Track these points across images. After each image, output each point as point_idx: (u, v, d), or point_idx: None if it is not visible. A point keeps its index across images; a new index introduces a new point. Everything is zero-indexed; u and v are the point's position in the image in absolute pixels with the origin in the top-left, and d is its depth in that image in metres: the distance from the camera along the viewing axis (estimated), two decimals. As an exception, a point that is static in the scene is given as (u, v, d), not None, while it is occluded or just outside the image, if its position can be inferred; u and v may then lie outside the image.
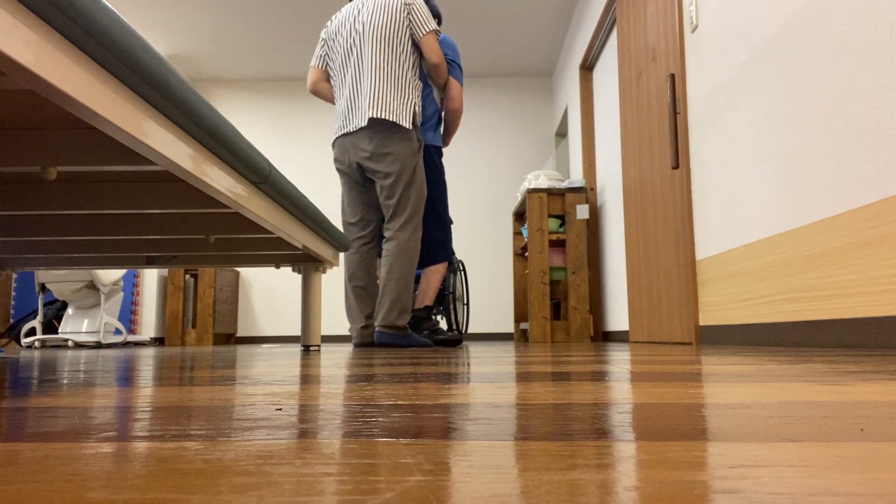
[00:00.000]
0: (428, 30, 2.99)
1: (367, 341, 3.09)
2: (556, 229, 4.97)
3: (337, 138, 3.06)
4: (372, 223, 3.13)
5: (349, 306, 3.13)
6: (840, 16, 1.90)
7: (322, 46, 3.18)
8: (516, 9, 5.69)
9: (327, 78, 3.21)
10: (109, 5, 0.95)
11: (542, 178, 5.05)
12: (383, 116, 2.89)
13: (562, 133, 6.90)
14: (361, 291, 3.09)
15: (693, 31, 3.03)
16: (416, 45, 3.03)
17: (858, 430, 0.41)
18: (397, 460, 0.33)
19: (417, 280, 4.41)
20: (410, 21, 3.00)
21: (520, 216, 5.83)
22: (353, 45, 3.03)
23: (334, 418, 0.50)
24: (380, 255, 3.32)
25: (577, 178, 5.66)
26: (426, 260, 3.31)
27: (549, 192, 4.98)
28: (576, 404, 0.57)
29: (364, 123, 2.92)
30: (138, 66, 1.03)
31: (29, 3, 0.80)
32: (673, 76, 3.19)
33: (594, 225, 5.26)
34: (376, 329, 3.00)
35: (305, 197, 2.19)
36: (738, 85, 2.57)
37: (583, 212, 4.92)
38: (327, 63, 3.17)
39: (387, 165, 2.94)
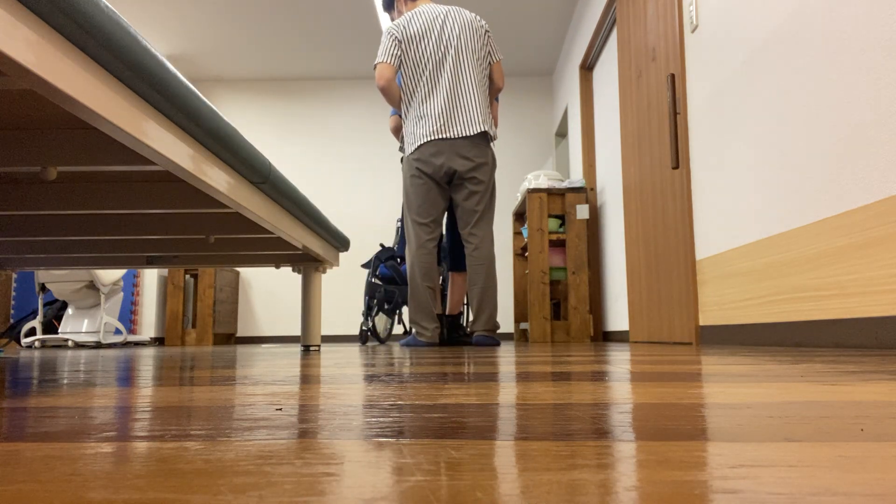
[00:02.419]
0: (501, 56, 3.31)
1: (436, 341, 3.17)
2: (556, 229, 4.97)
3: (432, 140, 3.15)
4: (440, 225, 3.27)
5: (423, 306, 3.17)
6: (840, 16, 1.90)
7: (397, 46, 3.21)
8: (516, 9, 5.69)
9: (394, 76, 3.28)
10: (109, 5, 0.95)
11: (542, 178, 5.05)
12: (487, 130, 3.17)
13: (562, 133, 6.90)
14: (432, 292, 3.19)
15: (693, 31, 3.03)
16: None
17: (858, 430, 0.41)
18: (398, 460, 0.33)
19: (401, 282, 4.51)
20: (490, 45, 3.30)
21: (520, 216, 5.83)
22: (445, 55, 3.20)
23: (334, 418, 0.50)
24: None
25: (577, 178, 5.66)
26: (459, 265, 3.49)
27: (549, 192, 4.98)
28: (576, 404, 0.57)
29: (472, 133, 3.14)
30: (138, 67, 1.03)
31: (29, 3, 0.80)
32: (673, 76, 3.19)
33: (594, 225, 5.26)
34: (479, 332, 3.13)
35: (305, 197, 2.19)
36: (738, 85, 2.57)
37: (583, 212, 4.92)
38: (401, 63, 3.23)
39: (482, 174, 3.20)
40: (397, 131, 3.54)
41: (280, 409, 0.56)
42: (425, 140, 3.15)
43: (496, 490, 0.27)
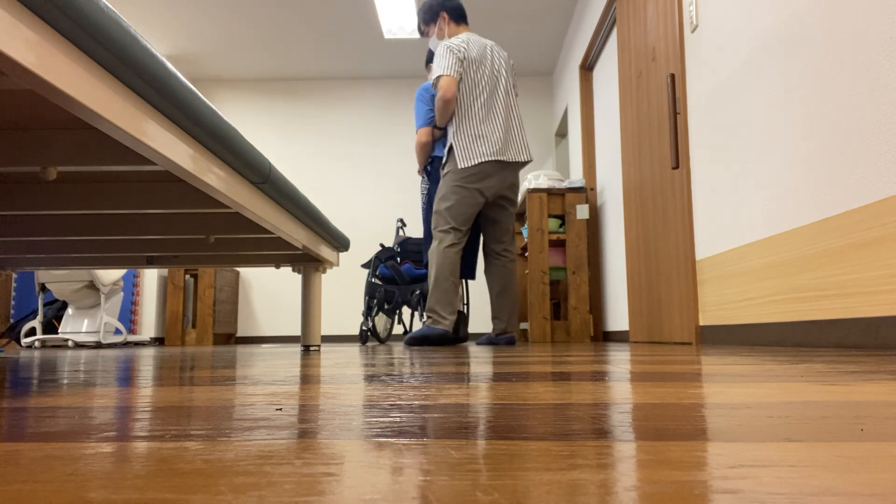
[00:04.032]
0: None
1: (450, 332, 3.36)
2: (556, 229, 4.96)
3: (490, 161, 3.38)
4: (470, 234, 3.50)
5: (448, 297, 3.37)
6: (840, 16, 1.90)
7: (459, 64, 3.40)
8: (516, 9, 5.69)
9: None
10: (109, 5, 0.95)
11: (542, 178, 5.04)
12: (529, 160, 3.53)
13: (562, 133, 6.90)
14: (456, 288, 3.41)
15: (693, 31, 3.03)
16: None
17: (858, 430, 0.41)
18: (398, 460, 0.33)
19: (401, 282, 4.58)
20: (515, 79, 3.65)
21: (520, 216, 5.83)
22: (497, 84, 3.47)
23: (334, 418, 0.50)
24: None
25: (577, 178, 5.66)
26: (470, 274, 3.80)
27: (549, 192, 4.98)
28: (576, 404, 0.57)
29: (523, 159, 3.45)
30: (138, 66, 1.03)
31: (29, 3, 0.80)
32: (673, 76, 3.19)
33: (594, 225, 5.26)
34: (509, 333, 3.47)
35: (305, 197, 2.19)
36: (737, 85, 2.57)
37: (583, 212, 4.92)
38: (460, 80, 3.43)
39: (516, 197, 3.55)
40: (426, 147, 3.67)
41: (280, 409, 0.56)
42: (486, 159, 3.37)
43: (496, 490, 0.27)
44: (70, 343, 4.80)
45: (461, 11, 3.62)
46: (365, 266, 4.66)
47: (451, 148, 3.45)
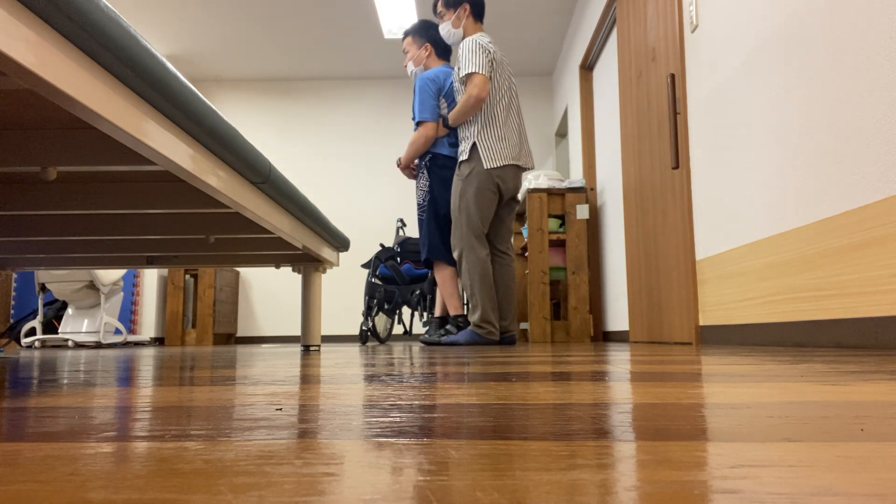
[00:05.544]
0: None
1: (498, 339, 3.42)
2: (556, 229, 4.96)
3: (511, 164, 3.47)
4: None
5: (493, 309, 3.40)
6: (840, 16, 1.90)
7: (491, 65, 3.44)
8: (516, 9, 5.69)
9: None
10: (109, 5, 0.95)
11: (542, 178, 5.04)
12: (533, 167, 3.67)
13: (562, 133, 6.90)
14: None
15: (693, 31, 3.03)
16: None
17: (858, 430, 0.41)
18: (398, 460, 0.33)
19: (401, 282, 4.57)
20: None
21: (520, 216, 5.83)
22: (511, 89, 3.54)
23: (334, 418, 0.50)
24: None
25: (577, 178, 5.66)
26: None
27: (549, 192, 4.98)
28: (576, 404, 0.57)
29: (530, 166, 3.58)
30: (138, 66, 1.02)
31: (29, 3, 0.80)
32: (673, 76, 3.19)
33: (594, 225, 5.26)
34: (510, 333, 3.49)
35: (305, 197, 2.19)
36: (738, 85, 2.57)
37: (583, 212, 4.92)
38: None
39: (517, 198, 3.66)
40: (430, 142, 3.61)
41: (280, 409, 0.56)
42: (510, 162, 3.44)
43: (496, 490, 0.27)
44: (70, 343, 4.80)
45: (483, 10, 3.65)
46: (365, 266, 4.67)
47: (473, 147, 3.43)
